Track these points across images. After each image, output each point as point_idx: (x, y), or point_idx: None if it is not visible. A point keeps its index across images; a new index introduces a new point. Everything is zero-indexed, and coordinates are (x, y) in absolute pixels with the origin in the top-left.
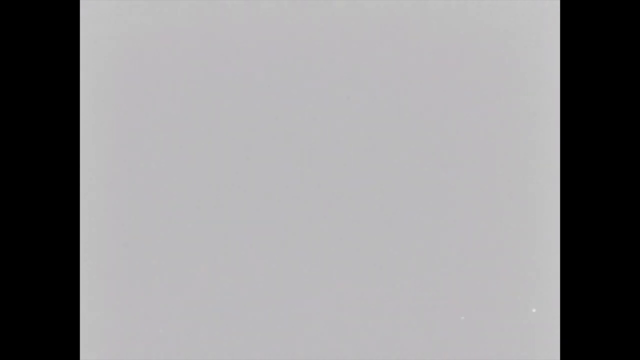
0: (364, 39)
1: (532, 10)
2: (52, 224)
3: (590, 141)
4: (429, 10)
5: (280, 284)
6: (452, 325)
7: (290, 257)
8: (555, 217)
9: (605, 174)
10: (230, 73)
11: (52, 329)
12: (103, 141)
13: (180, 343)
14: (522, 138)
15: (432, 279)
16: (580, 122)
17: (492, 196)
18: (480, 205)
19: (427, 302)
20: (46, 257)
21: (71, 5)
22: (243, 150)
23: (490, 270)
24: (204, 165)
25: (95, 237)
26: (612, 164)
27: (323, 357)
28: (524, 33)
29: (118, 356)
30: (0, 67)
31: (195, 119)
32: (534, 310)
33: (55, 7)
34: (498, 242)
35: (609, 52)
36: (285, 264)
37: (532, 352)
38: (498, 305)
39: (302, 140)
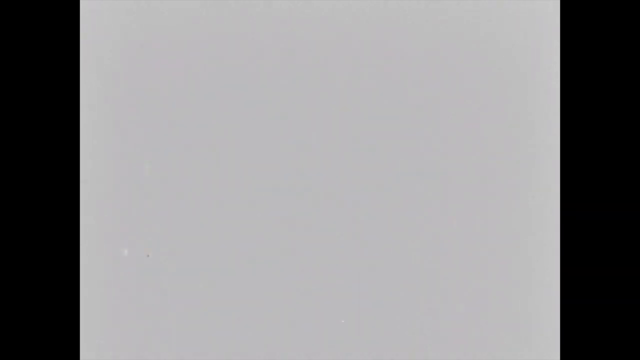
0: (364, 39)
1: (532, 10)
2: (52, 223)
3: (590, 142)
4: (428, 10)
5: (281, 285)
6: (451, 325)
7: (289, 257)
8: (556, 218)
9: (606, 174)
10: (232, 72)
11: (52, 329)
12: (103, 141)
13: (180, 343)
14: (522, 139)
15: (431, 279)
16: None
17: (492, 197)
18: (479, 206)
19: (425, 302)
20: (46, 257)
21: (71, 4)
22: (243, 151)
23: (489, 271)
24: (204, 165)
25: (95, 237)
26: (612, 164)
27: (322, 357)
28: (524, 33)
29: (118, 356)
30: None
31: (195, 119)
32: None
33: (55, 6)
34: (498, 242)
35: (609, 53)
36: (285, 264)
37: (532, 352)
38: (498, 305)
39: (300, 140)
